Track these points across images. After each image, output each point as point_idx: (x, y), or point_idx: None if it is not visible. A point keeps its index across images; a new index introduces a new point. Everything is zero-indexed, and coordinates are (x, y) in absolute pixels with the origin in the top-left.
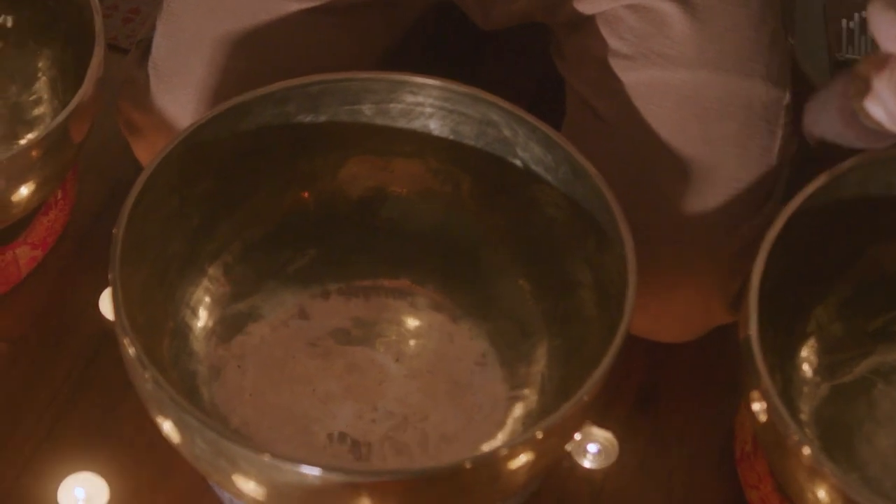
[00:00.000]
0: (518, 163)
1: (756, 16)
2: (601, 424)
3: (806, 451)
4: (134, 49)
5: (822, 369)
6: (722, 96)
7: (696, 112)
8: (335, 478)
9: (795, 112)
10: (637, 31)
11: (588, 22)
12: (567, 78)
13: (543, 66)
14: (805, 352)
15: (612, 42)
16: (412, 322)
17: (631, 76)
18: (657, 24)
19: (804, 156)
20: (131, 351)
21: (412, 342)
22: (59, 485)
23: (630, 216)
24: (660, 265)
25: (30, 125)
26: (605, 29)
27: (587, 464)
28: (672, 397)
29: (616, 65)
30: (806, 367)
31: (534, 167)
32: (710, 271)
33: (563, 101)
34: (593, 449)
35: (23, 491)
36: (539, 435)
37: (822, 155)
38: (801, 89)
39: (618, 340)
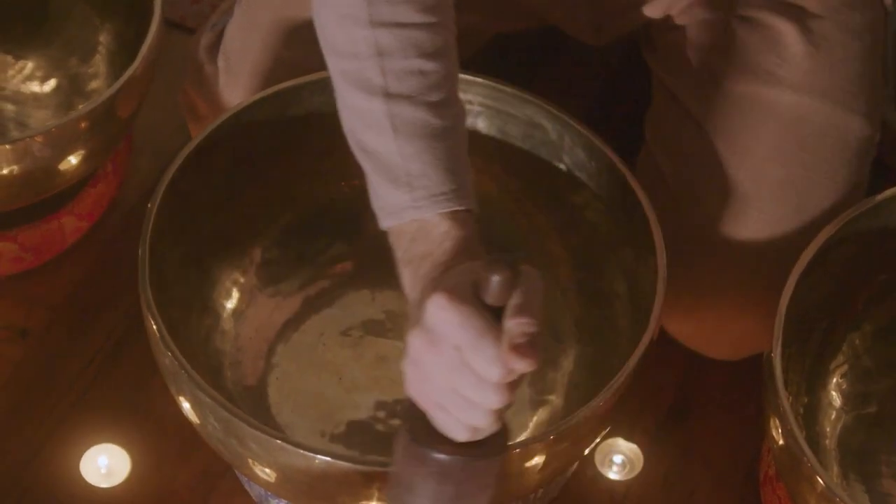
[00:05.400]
0: (562, 167)
1: (867, 51)
2: (629, 436)
3: (819, 478)
4: (207, 31)
5: (852, 396)
6: (823, 126)
7: (796, 136)
8: (344, 466)
9: None
10: (748, 44)
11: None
12: (655, 70)
13: (605, 75)
14: (836, 377)
15: (719, 49)
16: None
17: (735, 87)
18: (770, 41)
19: None
20: (154, 326)
21: None
22: (83, 454)
23: (706, 220)
24: (729, 278)
25: (86, 97)
26: (712, 35)
27: (611, 475)
28: (702, 415)
29: (719, 72)
30: (835, 394)
31: (577, 173)
32: (776, 294)
33: (620, 109)
34: (617, 460)
35: (46, 458)
36: (551, 437)
37: None
38: None
39: (639, 352)
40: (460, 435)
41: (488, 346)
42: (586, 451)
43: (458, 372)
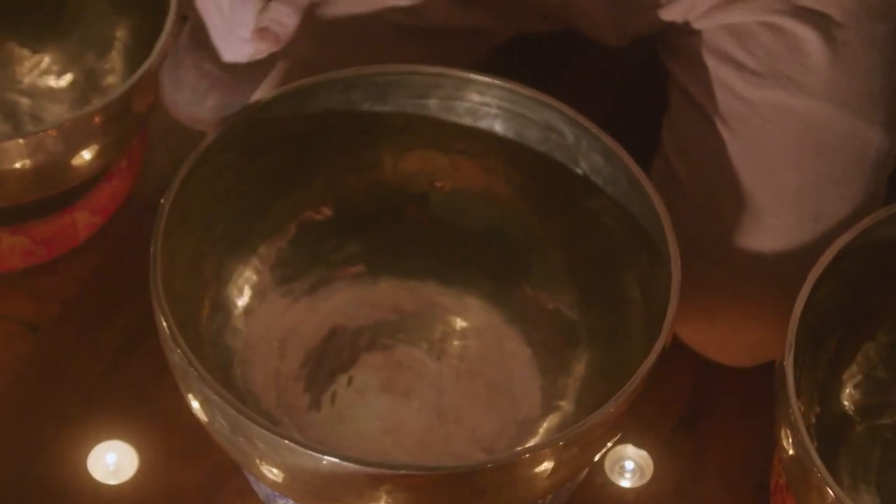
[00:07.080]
0: (579, 171)
1: (890, 63)
2: (640, 442)
3: (828, 489)
4: None
5: (865, 409)
6: (841, 135)
7: (813, 143)
8: (351, 467)
9: None
10: (769, 50)
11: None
12: (673, 73)
13: (622, 78)
14: (849, 388)
15: (739, 54)
16: (458, 322)
17: (755, 93)
18: (792, 47)
19: None
20: (164, 323)
21: (455, 342)
22: (91, 450)
23: (722, 225)
24: (744, 285)
25: (102, 93)
26: (733, 40)
27: (621, 482)
28: (715, 423)
29: (740, 77)
30: (848, 404)
31: (593, 177)
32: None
33: (640, 116)
34: (628, 467)
35: (54, 454)
36: (560, 443)
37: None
38: None
39: (652, 358)
40: (221, 52)
41: (247, 9)
42: (596, 458)
43: (220, 13)
